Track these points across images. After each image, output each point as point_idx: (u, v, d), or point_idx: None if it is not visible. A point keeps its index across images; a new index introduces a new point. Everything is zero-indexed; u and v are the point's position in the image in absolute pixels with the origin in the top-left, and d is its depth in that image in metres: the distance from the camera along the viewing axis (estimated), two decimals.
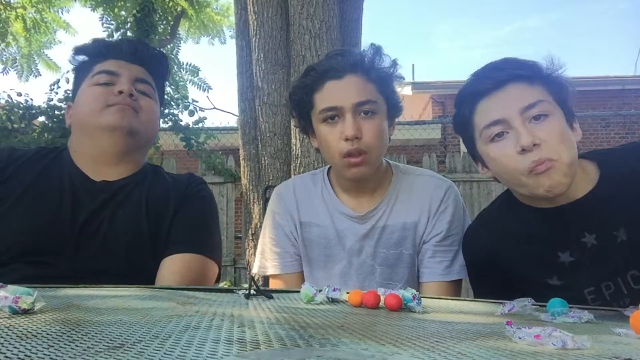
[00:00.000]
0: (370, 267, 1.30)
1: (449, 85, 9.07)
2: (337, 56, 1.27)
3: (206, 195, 1.33)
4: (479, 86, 1.08)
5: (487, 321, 0.68)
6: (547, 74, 1.07)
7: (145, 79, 1.28)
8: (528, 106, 1.01)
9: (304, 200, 1.37)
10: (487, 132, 1.06)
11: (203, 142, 5.47)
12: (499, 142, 1.04)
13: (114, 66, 1.25)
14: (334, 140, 1.23)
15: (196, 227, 1.25)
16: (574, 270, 1.05)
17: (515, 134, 1.01)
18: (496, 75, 1.06)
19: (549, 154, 0.98)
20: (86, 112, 1.21)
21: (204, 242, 1.23)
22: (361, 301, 0.78)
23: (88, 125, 1.20)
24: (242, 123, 3.43)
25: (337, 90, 1.23)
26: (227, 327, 0.53)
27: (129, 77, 1.24)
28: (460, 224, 1.31)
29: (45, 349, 0.41)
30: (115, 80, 1.22)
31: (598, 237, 1.04)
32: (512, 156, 1.02)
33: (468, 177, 5.08)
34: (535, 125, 1.01)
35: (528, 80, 1.05)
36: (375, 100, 1.24)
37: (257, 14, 3.18)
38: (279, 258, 1.37)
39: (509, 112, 1.02)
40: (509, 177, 1.06)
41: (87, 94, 1.23)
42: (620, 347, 0.49)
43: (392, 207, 1.31)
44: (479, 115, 1.08)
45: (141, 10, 6.29)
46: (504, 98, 1.04)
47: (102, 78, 1.23)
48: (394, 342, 0.48)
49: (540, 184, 1.00)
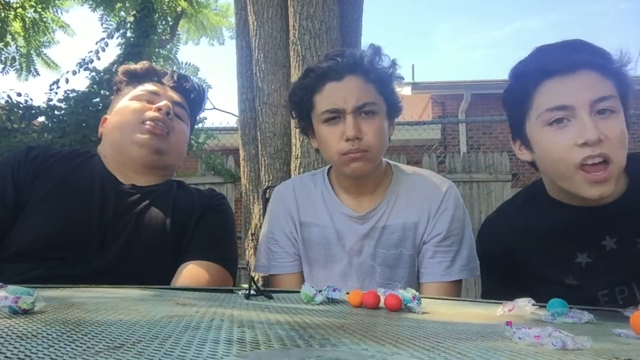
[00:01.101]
0: (370, 267, 1.30)
1: (449, 85, 9.07)
2: (337, 57, 1.28)
3: (228, 209, 1.38)
4: (549, 64, 1.00)
5: (487, 321, 0.68)
6: (618, 68, 1.00)
7: (183, 104, 1.36)
8: (599, 99, 0.95)
9: (304, 201, 1.37)
10: (548, 115, 0.99)
11: (203, 143, 5.46)
12: (558, 129, 0.98)
13: (156, 87, 1.33)
14: (334, 141, 1.23)
15: (217, 238, 1.28)
16: (590, 272, 1.04)
17: (580, 125, 0.95)
18: (571, 57, 0.98)
19: (609, 151, 0.93)
20: (122, 123, 1.26)
21: (224, 253, 1.26)
22: (361, 301, 0.78)
23: (121, 136, 1.25)
24: (242, 123, 3.43)
25: (337, 92, 1.23)
26: (227, 327, 0.53)
27: (168, 98, 1.31)
28: (460, 224, 1.31)
29: (45, 349, 0.41)
30: (156, 99, 1.29)
31: (618, 241, 1.02)
32: (569, 147, 0.96)
33: (468, 178, 5.08)
34: (600, 120, 0.95)
35: (602, 70, 0.98)
36: (375, 101, 1.25)
37: (257, 14, 3.18)
38: (278, 258, 1.37)
39: (578, 100, 0.96)
40: (557, 166, 1.00)
41: (126, 106, 1.29)
42: (620, 347, 0.49)
43: (392, 207, 1.31)
44: (544, 95, 1.00)
45: (141, 11, 6.28)
46: (575, 83, 0.97)
47: (144, 95, 1.30)
48: (394, 343, 0.48)
49: (590, 190, 0.95)
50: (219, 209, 1.33)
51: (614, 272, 1.02)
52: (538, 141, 1.03)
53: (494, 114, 7.70)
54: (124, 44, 6.21)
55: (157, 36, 6.58)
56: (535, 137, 1.03)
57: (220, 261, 1.22)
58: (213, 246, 1.24)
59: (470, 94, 8.43)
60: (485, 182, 5.07)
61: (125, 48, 6.14)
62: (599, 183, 0.95)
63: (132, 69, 1.39)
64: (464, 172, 5.11)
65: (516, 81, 1.07)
